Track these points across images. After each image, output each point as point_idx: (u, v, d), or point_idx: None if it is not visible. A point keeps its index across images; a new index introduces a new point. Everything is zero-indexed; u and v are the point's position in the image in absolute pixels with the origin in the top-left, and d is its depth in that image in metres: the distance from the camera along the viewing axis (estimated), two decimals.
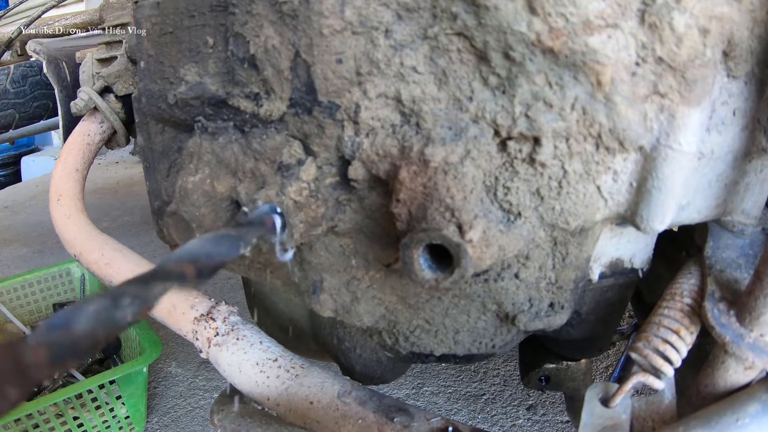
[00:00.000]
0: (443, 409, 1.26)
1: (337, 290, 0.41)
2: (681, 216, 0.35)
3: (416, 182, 0.31)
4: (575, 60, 0.28)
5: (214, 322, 0.53)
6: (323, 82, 0.32)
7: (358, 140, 0.33)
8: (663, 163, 0.31)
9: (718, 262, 0.38)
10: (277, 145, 0.35)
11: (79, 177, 0.78)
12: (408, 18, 0.30)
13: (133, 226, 2.66)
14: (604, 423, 0.37)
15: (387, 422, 0.43)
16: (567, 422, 1.19)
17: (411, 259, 0.29)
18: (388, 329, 0.43)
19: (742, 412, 0.32)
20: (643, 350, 0.36)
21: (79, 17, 1.23)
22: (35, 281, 1.64)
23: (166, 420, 1.32)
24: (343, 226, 0.37)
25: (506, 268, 0.36)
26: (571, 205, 0.32)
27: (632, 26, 0.28)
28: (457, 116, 0.31)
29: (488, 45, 0.29)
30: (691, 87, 0.29)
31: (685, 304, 0.37)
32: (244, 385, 0.50)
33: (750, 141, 0.34)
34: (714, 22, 0.29)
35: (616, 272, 0.43)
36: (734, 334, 0.32)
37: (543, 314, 0.38)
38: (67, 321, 0.19)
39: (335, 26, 0.30)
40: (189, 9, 0.36)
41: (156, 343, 1.19)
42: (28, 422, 1.12)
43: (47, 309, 1.66)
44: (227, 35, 0.34)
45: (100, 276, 0.66)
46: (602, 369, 1.36)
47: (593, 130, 0.30)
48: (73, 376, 1.33)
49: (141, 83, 0.42)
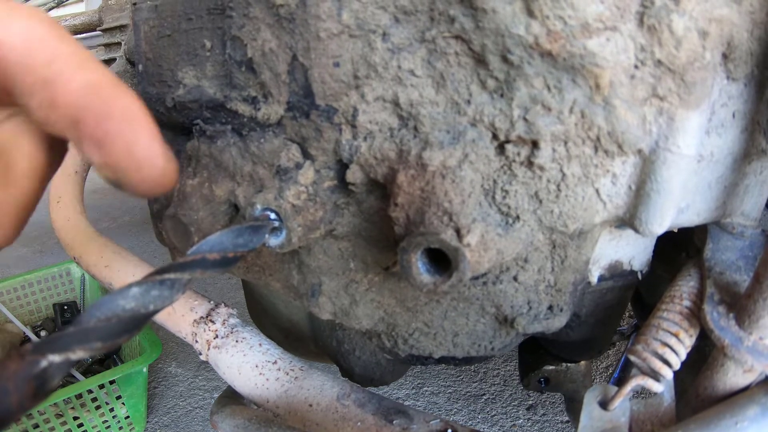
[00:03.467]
0: (443, 409, 1.26)
1: (336, 293, 0.41)
2: (680, 218, 0.35)
3: (414, 186, 0.31)
4: (573, 63, 0.28)
5: (213, 325, 0.53)
6: (321, 85, 0.32)
7: (356, 144, 0.33)
8: (662, 166, 0.31)
9: (718, 264, 0.38)
10: (275, 149, 0.35)
11: (78, 179, 0.78)
12: (405, 21, 0.30)
13: (133, 226, 2.66)
14: (602, 426, 0.37)
15: (386, 424, 0.43)
16: (567, 422, 1.19)
17: (409, 263, 0.29)
18: (386, 332, 0.43)
19: (741, 415, 0.32)
20: (642, 353, 0.36)
21: (79, 18, 1.23)
22: (35, 281, 1.64)
23: (166, 420, 1.33)
24: (342, 229, 0.37)
25: (505, 271, 0.36)
26: (569, 208, 0.32)
27: (631, 29, 0.28)
28: (455, 120, 0.31)
29: (486, 48, 0.29)
30: (690, 89, 0.29)
31: (684, 307, 0.37)
32: (243, 387, 0.50)
33: (749, 143, 0.34)
34: (713, 24, 0.28)
35: (616, 274, 0.43)
36: (733, 337, 0.32)
37: (542, 317, 0.38)
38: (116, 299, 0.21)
39: (332, 29, 0.30)
40: (187, 12, 0.35)
41: (156, 343, 1.19)
42: (28, 422, 1.12)
43: (47, 309, 1.66)
44: (225, 38, 0.34)
45: (100, 278, 0.66)
46: (602, 369, 1.36)
47: (592, 134, 0.30)
48: (73, 376, 1.34)
49: (139, 86, 0.42)
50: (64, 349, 0.19)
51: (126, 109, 0.24)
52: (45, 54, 0.24)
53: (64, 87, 0.24)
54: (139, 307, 0.21)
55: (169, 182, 0.26)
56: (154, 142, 0.25)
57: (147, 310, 0.22)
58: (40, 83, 0.24)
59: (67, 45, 0.24)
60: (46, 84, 0.24)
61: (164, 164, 0.25)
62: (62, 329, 0.20)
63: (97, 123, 0.24)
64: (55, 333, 0.19)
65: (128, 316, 0.21)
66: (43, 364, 0.18)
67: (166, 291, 0.23)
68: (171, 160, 0.26)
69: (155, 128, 0.25)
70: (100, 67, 0.25)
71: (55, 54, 0.24)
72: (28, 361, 0.18)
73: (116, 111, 0.24)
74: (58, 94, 0.24)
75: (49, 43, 0.24)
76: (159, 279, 0.22)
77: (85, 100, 0.24)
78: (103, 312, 0.21)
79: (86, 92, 0.24)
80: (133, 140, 0.24)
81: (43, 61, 0.24)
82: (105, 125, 0.24)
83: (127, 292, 0.21)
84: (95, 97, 0.24)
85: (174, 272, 0.23)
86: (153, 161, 0.25)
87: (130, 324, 0.21)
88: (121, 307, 0.21)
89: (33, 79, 0.24)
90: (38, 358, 0.18)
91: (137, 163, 0.25)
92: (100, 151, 0.24)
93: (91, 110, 0.24)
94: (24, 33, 0.23)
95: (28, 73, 0.24)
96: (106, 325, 0.20)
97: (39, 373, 0.18)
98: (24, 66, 0.23)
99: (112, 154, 0.24)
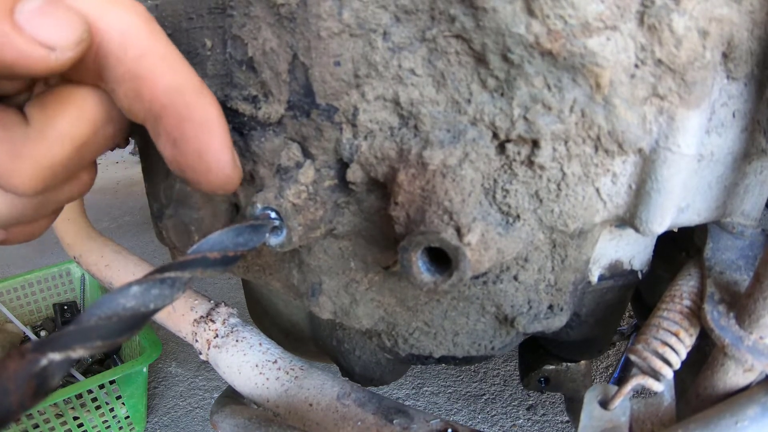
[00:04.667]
0: (443, 409, 1.26)
1: (336, 292, 0.41)
2: (680, 218, 0.35)
3: (414, 185, 0.31)
4: (574, 62, 0.28)
5: (213, 324, 0.53)
6: (321, 84, 0.32)
7: (357, 143, 0.33)
8: (662, 166, 0.31)
9: (718, 264, 0.38)
10: (276, 148, 0.35)
11: None
12: (406, 20, 0.30)
13: (133, 226, 2.66)
14: (603, 425, 0.37)
15: (386, 424, 0.43)
16: (567, 422, 1.19)
17: (409, 262, 0.29)
18: (387, 331, 0.43)
19: (742, 414, 0.32)
20: (642, 352, 0.36)
21: None
22: (35, 281, 1.64)
23: (166, 420, 1.33)
24: (342, 228, 0.37)
25: (505, 271, 0.36)
26: (570, 208, 0.32)
27: (631, 28, 0.28)
28: (456, 119, 0.31)
29: (486, 47, 0.29)
30: (690, 89, 0.29)
31: (685, 306, 0.37)
32: (243, 386, 0.50)
33: (750, 142, 0.34)
34: (714, 23, 0.28)
35: (616, 274, 0.43)
36: (733, 336, 0.32)
37: (542, 316, 0.38)
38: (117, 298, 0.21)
39: (333, 29, 0.30)
40: (187, 11, 0.35)
41: (156, 343, 1.19)
42: (28, 422, 1.12)
43: (47, 309, 1.66)
44: (225, 38, 0.34)
45: (100, 278, 0.66)
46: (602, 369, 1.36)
47: (592, 133, 0.30)
48: (73, 376, 1.34)
49: None
50: (64, 347, 0.19)
51: (204, 116, 0.26)
52: (137, 48, 0.25)
53: (151, 84, 0.25)
54: (139, 305, 0.21)
55: (231, 188, 0.28)
56: (225, 149, 0.27)
57: (147, 308, 0.22)
58: (129, 75, 0.25)
59: (159, 42, 0.25)
60: (135, 78, 0.25)
61: (230, 172, 0.27)
62: (62, 328, 0.20)
63: (176, 124, 0.26)
64: (56, 332, 0.19)
65: (129, 314, 0.21)
66: (44, 362, 0.18)
67: (167, 290, 0.23)
68: (237, 168, 0.28)
69: (228, 137, 0.27)
70: (187, 70, 0.26)
71: (147, 50, 0.25)
72: (28, 359, 0.18)
73: (195, 116, 0.26)
74: (144, 89, 0.25)
75: (142, 38, 0.25)
76: (159, 278, 0.22)
77: (168, 100, 0.25)
78: (104, 311, 0.21)
79: (171, 93, 0.25)
80: (206, 146, 0.26)
81: (135, 54, 0.25)
82: (182, 127, 0.26)
83: (128, 290, 0.21)
84: (178, 100, 0.25)
85: (174, 271, 0.23)
86: (221, 167, 0.27)
87: (131, 323, 0.21)
88: (122, 305, 0.21)
89: (123, 70, 0.25)
90: (38, 357, 0.18)
91: (206, 166, 0.26)
92: (174, 149, 0.26)
93: (172, 111, 0.25)
94: (121, 25, 0.24)
95: (119, 64, 0.25)
96: (107, 324, 0.20)
97: (39, 372, 0.18)
98: (116, 57, 0.24)
99: (185, 154, 0.26)
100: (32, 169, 0.25)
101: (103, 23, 0.24)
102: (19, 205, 0.28)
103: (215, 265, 0.25)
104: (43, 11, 0.22)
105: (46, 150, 0.25)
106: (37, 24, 0.22)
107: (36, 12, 0.22)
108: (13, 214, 0.28)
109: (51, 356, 0.18)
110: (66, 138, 0.25)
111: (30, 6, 0.21)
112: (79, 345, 0.19)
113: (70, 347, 0.19)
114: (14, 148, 0.24)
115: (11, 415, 0.17)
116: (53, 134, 0.25)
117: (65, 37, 0.22)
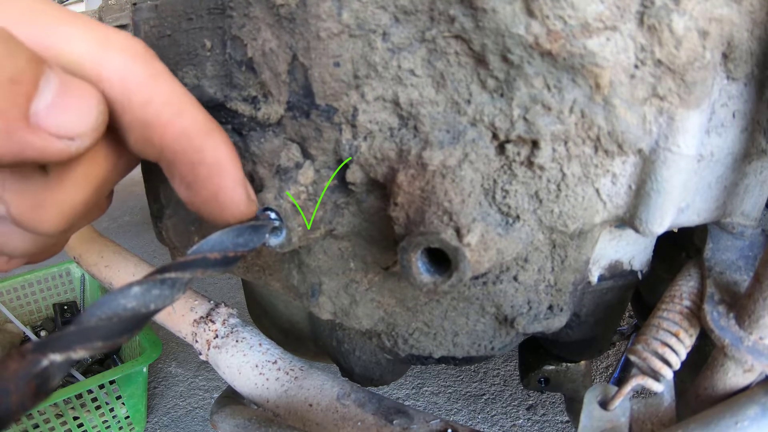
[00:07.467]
0: (443, 409, 1.26)
1: (336, 293, 0.41)
2: (680, 218, 0.35)
3: (414, 186, 0.31)
4: (573, 63, 0.28)
5: (213, 325, 0.53)
6: (321, 85, 0.32)
7: (356, 144, 0.33)
8: (662, 166, 0.31)
9: (718, 264, 0.38)
10: (275, 149, 0.35)
11: None
12: (405, 21, 0.30)
13: (133, 226, 2.66)
14: (602, 426, 0.37)
15: (386, 424, 0.43)
16: (567, 422, 1.19)
17: (409, 263, 0.29)
18: (387, 332, 0.43)
19: (741, 414, 0.32)
20: (642, 353, 0.36)
21: None
22: (35, 281, 1.64)
23: (166, 420, 1.33)
24: (342, 229, 0.37)
25: (505, 271, 0.36)
26: (569, 208, 0.32)
27: (631, 28, 0.28)
28: (455, 119, 0.31)
29: (486, 48, 0.29)
30: (690, 89, 0.29)
31: (684, 307, 0.37)
32: (243, 387, 0.50)
33: (749, 143, 0.34)
34: (713, 24, 0.28)
35: (616, 274, 0.43)
36: (733, 336, 0.32)
37: (542, 317, 0.38)
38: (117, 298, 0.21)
39: (332, 29, 0.30)
40: (187, 12, 0.35)
41: (156, 343, 1.19)
42: (28, 422, 1.12)
43: (47, 309, 1.66)
44: (225, 38, 0.34)
45: (100, 278, 0.66)
46: (602, 369, 1.36)
47: (592, 133, 0.30)
48: (73, 376, 1.34)
49: None
50: (65, 348, 0.19)
51: (215, 156, 0.26)
52: (141, 95, 0.24)
53: (160, 132, 0.25)
54: (139, 306, 0.21)
55: (247, 219, 0.29)
56: (238, 188, 0.27)
57: (148, 309, 0.22)
58: (137, 123, 0.25)
59: (161, 85, 0.25)
60: (142, 126, 0.25)
61: (245, 208, 0.28)
62: (63, 328, 0.20)
63: (189, 170, 0.26)
64: (56, 332, 0.19)
65: (129, 315, 0.21)
66: (44, 363, 0.18)
67: (167, 290, 0.23)
68: (252, 202, 0.28)
69: (241, 173, 0.28)
70: (194, 111, 0.26)
71: (152, 96, 0.25)
72: (28, 360, 0.18)
73: (207, 159, 0.26)
74: (154, 137, 0.25)
75: (143, 83, 0.25)
76: (160, 278, 0.22)
77: (179, 147, 0.25)
78: (104, 311, 0.21)
79: (181, 139, 0.25)
80: (220, 187, 0.27)
81: (140, 102, 0.24)
82: (196, 171, 0.26)
83: (128, 291, 0.21)
84: (188, 145, 0.25)
85: (174, 271, 0.23)
86: (235, 205, 0.27)
87: (131, 323, 0.21)
88: (122, 306, 0.21)
89: (130, 119, 0.25)
90: (39, 357, 0.18)
91: (221, 205, 0.27)
92: (188, 191, 0.27)
93: (184, 156, 0.26)
94: (120, 71, 0.24)
95: (125, 113, 0.25)
96: (107, 325, 0.20)
97: (40, 373, 0.18)
98: (121, 105, 0.24)
99: (199, 195, 0.27)
100: (56, 215, 0.25)
101: (104, 71, 0.24)
102: (42, 240, 0.28)
103: (215, 266, 0.26)
104: (57, 105, 0.21)
105: (66, 195, 0.25)
106: (54, 121, 0.21)
107: (51, 107, 0.21)
108: (38, 247, 0.29)
109: (52, 357, 0.18)
110: (84, 181, 0.26)
111: (45, 101, 0.21)
112: (80, 345, 0.19)
113: (71, 348, 0.19)
114: (36, 197, 0.25)
115: (11, 415, 0.17)
116: (72, 179, 0.25)
117: (84, 124, 0.22)
